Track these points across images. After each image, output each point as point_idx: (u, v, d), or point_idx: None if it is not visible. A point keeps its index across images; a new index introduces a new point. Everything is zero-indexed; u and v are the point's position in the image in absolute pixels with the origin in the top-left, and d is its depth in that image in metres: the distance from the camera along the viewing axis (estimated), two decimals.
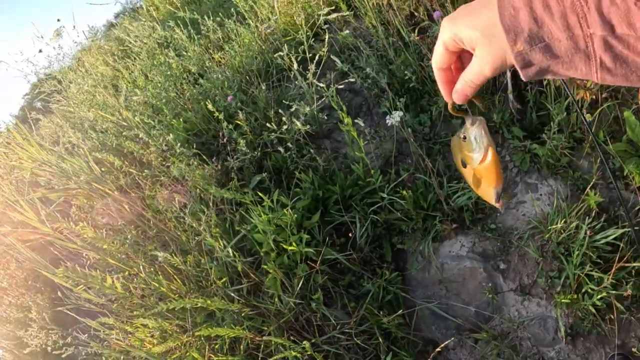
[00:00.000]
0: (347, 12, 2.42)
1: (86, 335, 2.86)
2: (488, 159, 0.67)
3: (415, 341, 2.21)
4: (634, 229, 1.37)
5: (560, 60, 0.51)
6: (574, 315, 2.15)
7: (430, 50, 2.51)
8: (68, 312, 2.89)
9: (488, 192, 0.71)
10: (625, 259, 1.91)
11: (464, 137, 0.70)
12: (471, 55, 0.59)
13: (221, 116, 2.19)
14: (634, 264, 1.95)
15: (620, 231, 1.96)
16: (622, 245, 1.91)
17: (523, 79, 0.55)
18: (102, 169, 2.96)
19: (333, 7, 2.53)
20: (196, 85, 2.87)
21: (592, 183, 2.20)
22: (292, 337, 2.15)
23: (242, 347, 2.27)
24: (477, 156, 0.68)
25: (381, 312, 2.10)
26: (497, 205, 0.73)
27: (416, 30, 2.51)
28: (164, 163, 2.57)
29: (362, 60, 2.45)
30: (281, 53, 2.15)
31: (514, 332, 2.22)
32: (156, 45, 3.30)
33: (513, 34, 0.52)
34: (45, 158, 3.01)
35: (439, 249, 2.26)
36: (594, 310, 2.04)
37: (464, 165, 0.72)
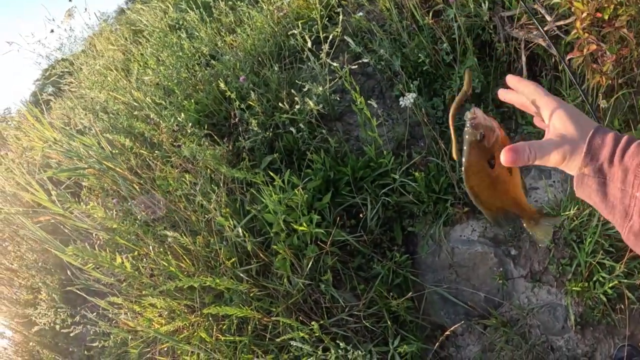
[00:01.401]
0: None
1: (95, 314, 2.88)
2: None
3: (423, 325, 2.20)
4: None
5: (605, 201, 0.58)
6: (584, 304, 2.13)
7: (445, 34, 2.48)
8: (78, 291, 2.91)
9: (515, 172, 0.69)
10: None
11: (482, 134, 0.68)
12: None
13: (234, 96, 2.19)
14: None
15: None
16: None
17: (575, 192, 0.62)
18: (114, 151, 2.97)
19: None
20: (208, 67, 2.86)
21: None
22: (300, 319, 2.15)
23: (249, 327, 2.27)
24: (497, 131, 0.68)
25: (390, 295, 2.09)
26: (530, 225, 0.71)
27: (430, 14, 2.49)
28: (174, 143, 2.57)
29: (376, 43, 2.43)
30: (295, 32, 2.14)
31: (523, 320, 2.20)
32: (168, 28, 3.29)
33: (589, 158, 0.59)
34: (57, 137, 3.02)
35: (449, 232, 2.24)
36: (604, 299, 2.02)
37: (492, 166, 0.68)
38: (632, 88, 2.30)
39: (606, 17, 2.09)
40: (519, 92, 0.74)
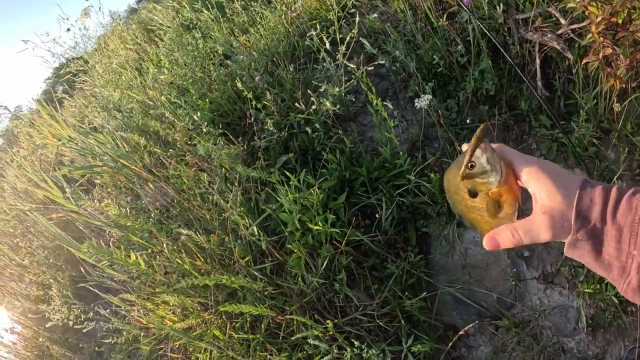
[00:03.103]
0: None
1: (107, 310, 2.90)
2: (505, 175, 0.64)
3: (436, 325, 2.21)
4: None
5: (600, 260, 0.58)
6: (596, 306, 2.14)
7: (459, 36, 2.49)
8: (91, 288, 2.93)
9: (509, 212, 0.67)
10: None
11: (472, 165, 0.66)
12: None
13: (250, 95, 2.20)
14: None
15: None
16: None
17: (565, 253, 0.61)
18: (127, 149, 3.00)
19: None
20: (222, 67, 2.88)
21: (618, 174, 2.18)
22: (314, 317, 2.16)
23: (263, 325, 2.29)
24: (493, 179, 0.65)
25: (404, 295, 2.11)
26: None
27: (445, 16, 2.50)
28: (189, 142, 2.59)
29: (390, 45, 2.45)
30: (312, 33, 2.15)
31: (535, 321, 2.21)
32: (181, 28, 3.32)
33: (580, 223, 0.57)
34: (72, 135, 3.05)
35: (463, 234, 2.26)
36: (616, 301, 2.03)
37: (474, 195, 0.67)
38: None
39: (620, 21, 2.09)
40: None
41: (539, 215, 0.60)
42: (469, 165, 0.66)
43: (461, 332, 2.04)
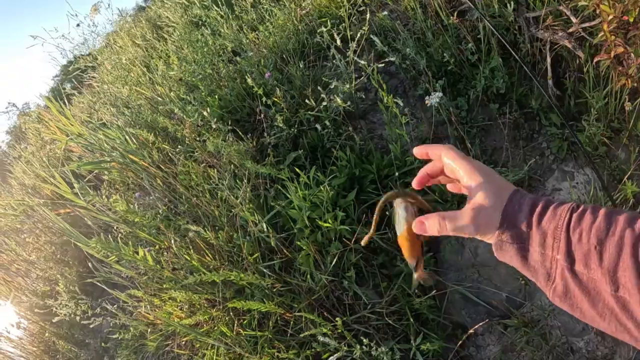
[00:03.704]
0: None
1: (114, 306, 2.91)
2: (404, 231, 0.72)
3: (445, 324, 2.20)
4: None
5: (527, 265, 0.59)
6: None
7: (470, 34, 2.49)
8: (98, 283, 2.94)
9: (406, 255, 0.75)
10: None
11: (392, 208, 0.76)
12: None
13: (260, 91, 2.20)
14: None
15: None
16: None
17: (496, 256, 0.62)
18: (136, 145, 3.00)
19: None
20: (230, 64, 2.88)
21: (629, 173, 2.17)
22: (323, 314, 2.16)
23: (271, 322, 2.29)
24: (398, 228, 0.74)
25: (413, 293, 2.10)
26: (415, 275, 0.76)
27: (455, 13, 2.49)
28: (198, 139, 2.59)
29: (400, 42, 2.44)
30: (323, 29, 2.15)
31: (544, 320, 2.20)
32: (190, 25, 3.32)
33: (505, 225, 0.60)
34: (81, 131, 3.06)
35: None
36: None
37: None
38: None
39: (631, 20, 2.08)
40: (434, 159, 0.74)
41: (467, 209, 0.63)
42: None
43: (470, 331, 2.03)
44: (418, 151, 0.75)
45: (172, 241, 2.58)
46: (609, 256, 0.52)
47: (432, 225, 0.66)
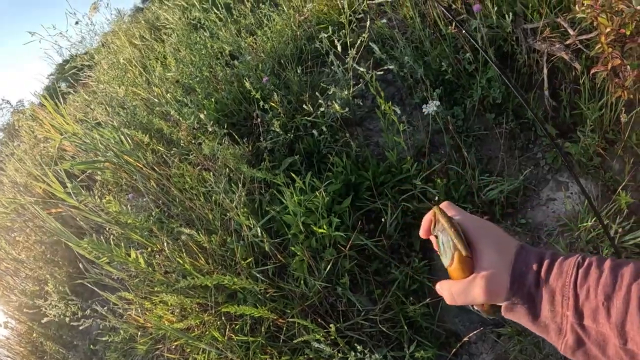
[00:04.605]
0: (387, 0, 2.41)
1: (104, 308, 2.88)
2: (453, 265, 0.67)
3: (438, 332, 2.20)
4: None
5: (537, 322, 0.60)
6: None
7: (467, 43, 2.50)
8: (88, 284, 2.91)
9: None
10: None
11: (436, 236, 0.71)
12: None
13: (258, 95, 2.20)
14: None
15: None
16: None
17: (504, 315, 0.63)
18: (130, 146, 2.98)
19: None
20: (228, 67, 2.87)
21: (623, 184, 2.18)
22: (316, 321, 2.15)
23: (263, 328, 2.27)
24: (445, 261, 0.69)
25: (407, 301, 2.10)
26: (476, 307, 0.70)
27: (453, 23, 2.50)
28: (193, 141, 2.58)
29: (398, 50, 2.45)
30: (323, 35, 2.15)
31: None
32: (188, 27, 3.31)
33: (516, 287, 0.61)
34: (75, 130, 3.03)
35: None
36: None
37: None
38: None
39: (628, 33, 2.10)
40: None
41: (477, 279, 0.63)
42: (435, 235, 0.71)
43: (464, 339, 2.03)
44: (423, 233, 0.74)
45: (165, 244, 2.56)
46: (617, 311, 0.53)
47: (446, 295, 0.67)
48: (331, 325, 1.93)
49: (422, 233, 0.74)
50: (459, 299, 0.65)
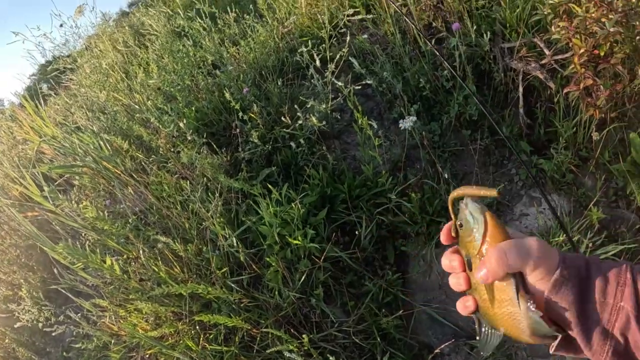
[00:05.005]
0: (368, 16, 2.45)
1: (78, 315, 2.84)
2: (488, 224, 0.59)
3: (411, 344, 2.22)
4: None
5: (583, 313, 0.54)
6: None
7: (446, 60, 2.55)
8: (62, 290, 2.88)
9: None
10: None
11: (460, 225, 0.63)
12: None
13: (237, 106, 2.21)
14: None
15: (620, 247, 1.99)
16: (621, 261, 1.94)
17: (546, 294, 0.56)
18: (109, 152, 2.97)
19: (357, 10, 2.56)
20: (210, 76, 2.89)
21: (594, 200, 2.23)
22: (289, 331, 2.15)
23: (237, 338, 2.27)
24: (477, 233, 0.60)
25: (380, 313, 2.12)
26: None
27: (433, 40, 2.55)
28: (172, 149, 2.58)
29: (378, 66, 2.49)
30: (303, 49, 2.18)
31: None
32: (172, 34, 3.31)
33: (567, 261, 0.56)
34: (55, 133, 3.01)
35: (441, 254, 2.28)
36: None
37: (470, 266, 0.62)
38: (624, 122, 2.37)
39: (602, 54, 2.16)
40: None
41: (528, 237, 0.59)
42: (459, 224, 0.63)
43: (436, 351, 2.05)
44: (445, 237, 0.68)
45: (141, 251, 2.55)
46: None
47: (491, 261, 0.57)
48: (304, 336, 1.94)
49: (443, 238, 0.67)
50: (511, 254, 0.56)
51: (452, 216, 0.66)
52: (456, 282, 0.65)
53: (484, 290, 0.61)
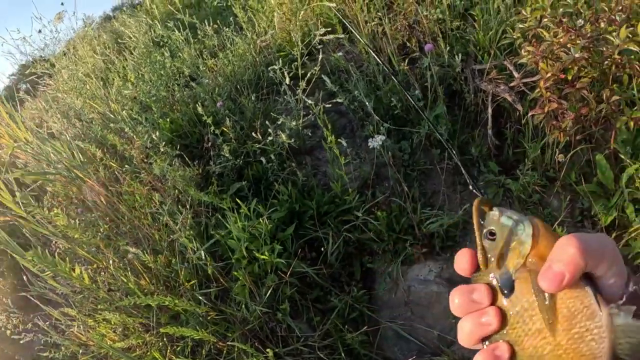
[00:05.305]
0: (342, 35, 2.50)
1: (47, 323, 2.82)
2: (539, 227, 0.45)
3: (376, 359, 2.25)
4: None
5: None
6: None
7: (418, 81, 2.60)
8: (31, 298, 2.85)
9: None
10: None
11: (491, 234, 0.47)
12: None
13: (209, 120, 2.23)
14: None
15: None
16: None
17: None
18: (83, 160, 2.95)
19: (329, 29, 2.61)
20: (186, 88, 2.90)
21: (559, 219, 2.28)
22: (255, 345, 2.17)
23: (204, 351, 2.27)
24: (525, 235, 0.45)
25: (346, 329, 2.14)
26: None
27: (406, 60, 2.60)
28: (145, 160, 2.58)
29: (351, 84, 2.53)
30: (275, 67, 2.22)
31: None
32: (151, 43, 3.33)
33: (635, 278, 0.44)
34: (29, 138, 2.99)
35: (407, 271, 2.32)
36: None
37: (510, 289, 0.45)
38: (590, 144, 2.42)
39: (569, 78, 2.21)
40: None
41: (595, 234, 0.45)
42: (487, 234, 0.47)
43: None
44: (466, 263, 0.51)
45: (111, 261, 2.54)
46: None
47: (569, 250, 0.42)
48: (270, 350, 1.96)
49: (464, 265, 0.50)
50: (591, 240, 0.42)
51: (477, 232, 0.49)
52: (477, 323, 0.48)
53: (533, 317, 0.44)
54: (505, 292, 0.45)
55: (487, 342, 0.48)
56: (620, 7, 2.18)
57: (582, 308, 0.42)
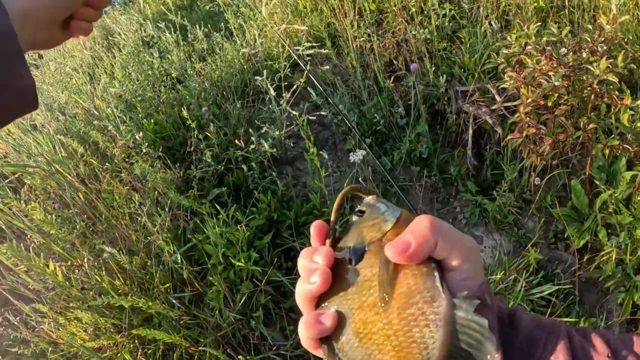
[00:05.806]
0: (330, 50, 2.54)
1: (17, 318, 2.79)
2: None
3: None
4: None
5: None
6: None
7: (402, 98, 2.66)
8: (2, 291, 2.82)
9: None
10: (557, 313, 2.03)
11: (360, 212, 0.47)
12: None
13: (194, 125, 2.25)
14: (566, 319, 2.08)
15: (555, 287, 2.08)
16: (555, 301, 2.04)
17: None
18: (64, 154, 2.94)
19: (319, 43, 2.65)
20: (173, 90, 2.91)
21: (533, 241, 2.34)
22: (227, 352, 2.18)
23: (175, 355, 2.28)
24: (391, 217, 0.44)
25: None
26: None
27: (392, 78, 2.65)
28: (127, 160, 2.58)
29: (337, 97, 2.57)
30: (258, 78, 2.25)
31: None
32: (141, 42, 3.33)
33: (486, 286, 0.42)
34: (11, 129, 2.96)
35: None
36: None
37: (358, 258, 0.43)
38: (567, 169, 2.50)
39: (550, 104, 2.28)
40: None
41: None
42: (357, 211, 0.47)
43: None
44: (318, 232, 0.50)
45: (85, 259, 2.53)
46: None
47: (420, 229, 0.41)
48: (240, 357, 1.97)
49: (317, 233, 0.49)
50: (446, 225, 0.42)
51: (337, 201, 0.49)
52: (305, 282, 0.46)
53: (370, 290, 0.41)
54: (353, 260, 0.43)
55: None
56: (602, 39, 2.27)
57: (422, 289, 0.39)
